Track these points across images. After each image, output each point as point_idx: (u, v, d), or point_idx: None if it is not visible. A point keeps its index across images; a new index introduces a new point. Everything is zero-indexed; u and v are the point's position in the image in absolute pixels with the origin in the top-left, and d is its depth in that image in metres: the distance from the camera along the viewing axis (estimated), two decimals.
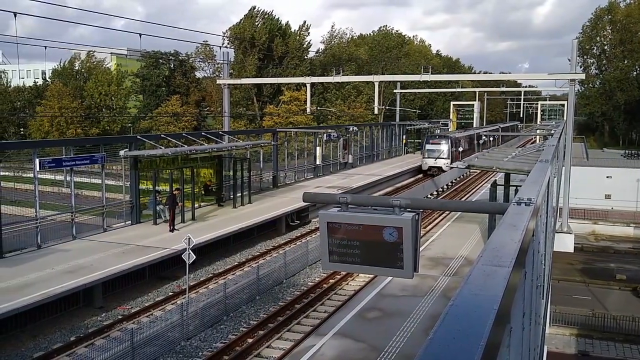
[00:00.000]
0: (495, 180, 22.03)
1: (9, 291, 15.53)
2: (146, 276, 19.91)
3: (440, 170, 45.87)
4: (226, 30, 74.98)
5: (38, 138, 59.88)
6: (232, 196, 29.14)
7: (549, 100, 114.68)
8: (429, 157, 47.64)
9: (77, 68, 72.75)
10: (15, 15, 22.29)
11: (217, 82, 46.11)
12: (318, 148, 40.35)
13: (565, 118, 47.63)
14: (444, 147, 47.26)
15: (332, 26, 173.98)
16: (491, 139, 62.45)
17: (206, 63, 79.28)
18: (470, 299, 1.77)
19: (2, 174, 22.66)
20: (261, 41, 72.11)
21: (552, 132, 33.21)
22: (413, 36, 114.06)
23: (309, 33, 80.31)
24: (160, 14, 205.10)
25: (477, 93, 77.04)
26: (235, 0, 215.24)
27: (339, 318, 14.42)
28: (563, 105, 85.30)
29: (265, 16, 75.56)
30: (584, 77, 45.43)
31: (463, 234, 23.25)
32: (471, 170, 42.34)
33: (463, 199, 36.52)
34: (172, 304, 17.90)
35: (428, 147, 48.20)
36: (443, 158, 46.60)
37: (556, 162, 14.64)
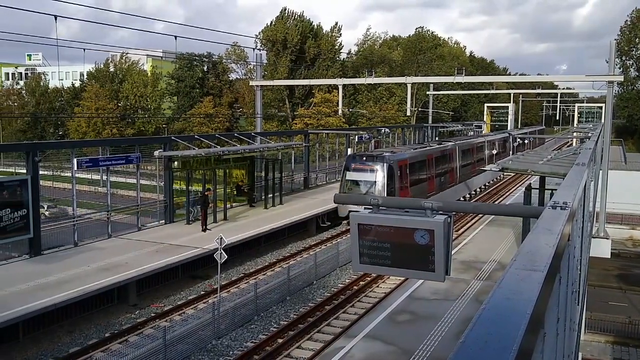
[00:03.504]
0: (530, 183, 21.64)
1: (47, 287, 15.95)
2: (179, 275, 20.22)
3: None
4: (259, 32, 75.53)
5: (76, 138, 61.34)
6: (263, 197, 29.35)
7: (587, 103, 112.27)
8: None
9: (112, 70, 74.29)
10: (55, 18, 22.82)
11: (250, 84, 46.49)
12: (349, 149, 40.31)
13: (603, 121, 46.55)
14: (377, 176, 27.03)
15: (368, 29, 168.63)
16: (494, 152, 44.75)
17: (238, 64, 79.97)
18: (503, 303, 1.76)
19: (41, 172, 23.24)
20: (293, 42, 72.42)
21: (589, 135, 32.46)
22: (448, 38, 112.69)
23: (340, 34, 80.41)
24: (200, 16, 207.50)
25: (512, 95, 75.93)
26: (273, 2, 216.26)
27: (369, 320, 14.36)
28: (601, 107, 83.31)
29: (297, 17, 75.87)
30: (622, 79, 44.34)
31: (496, 237, 22.92)
32: (504, 174, 41.56)
33: (496, 202, 35.99)
34: (203, 303, 18.12)
35: (349, 175, 27.87)
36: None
37: (593, 166, 14.33)
